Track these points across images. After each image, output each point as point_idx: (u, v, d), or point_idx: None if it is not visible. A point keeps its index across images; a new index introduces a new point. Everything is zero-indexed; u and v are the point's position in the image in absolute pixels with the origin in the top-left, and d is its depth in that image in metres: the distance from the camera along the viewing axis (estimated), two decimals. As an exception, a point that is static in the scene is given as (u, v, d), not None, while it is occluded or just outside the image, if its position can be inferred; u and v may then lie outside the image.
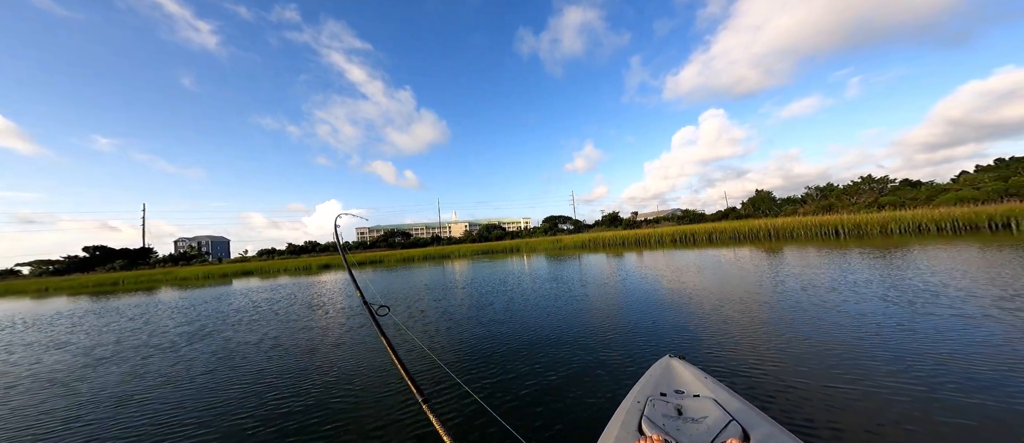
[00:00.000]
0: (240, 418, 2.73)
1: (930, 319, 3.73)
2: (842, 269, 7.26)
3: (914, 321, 3.72)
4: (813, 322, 3.96)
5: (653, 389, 1.60)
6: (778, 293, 5.53)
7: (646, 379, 1.74)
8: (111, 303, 12.28)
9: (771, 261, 9.68)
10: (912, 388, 2.36)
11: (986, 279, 5.27)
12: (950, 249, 9.17)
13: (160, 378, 3.81)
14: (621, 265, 11.92)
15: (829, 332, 3.59)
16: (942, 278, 5.63)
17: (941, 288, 4.96)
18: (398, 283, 11.73)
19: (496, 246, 33.42)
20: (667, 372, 1.79)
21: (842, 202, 35.11)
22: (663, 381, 1.69)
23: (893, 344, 3.14)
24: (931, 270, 6.38)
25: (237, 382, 3.54)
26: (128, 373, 4.05)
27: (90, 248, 49.57)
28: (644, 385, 1.67)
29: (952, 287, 4.96)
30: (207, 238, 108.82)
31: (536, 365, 3.33)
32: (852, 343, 3.25)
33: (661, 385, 1.65)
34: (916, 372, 2.58)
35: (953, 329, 3.38)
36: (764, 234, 20.66)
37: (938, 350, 2.94)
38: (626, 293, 6.62)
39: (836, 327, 3.72)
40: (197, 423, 2.69)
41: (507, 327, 4.86)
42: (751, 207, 45.32)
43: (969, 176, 33.89)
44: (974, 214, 14.73)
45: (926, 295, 4.65)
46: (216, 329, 6.11)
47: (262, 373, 3.74)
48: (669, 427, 1.27)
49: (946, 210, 16.52)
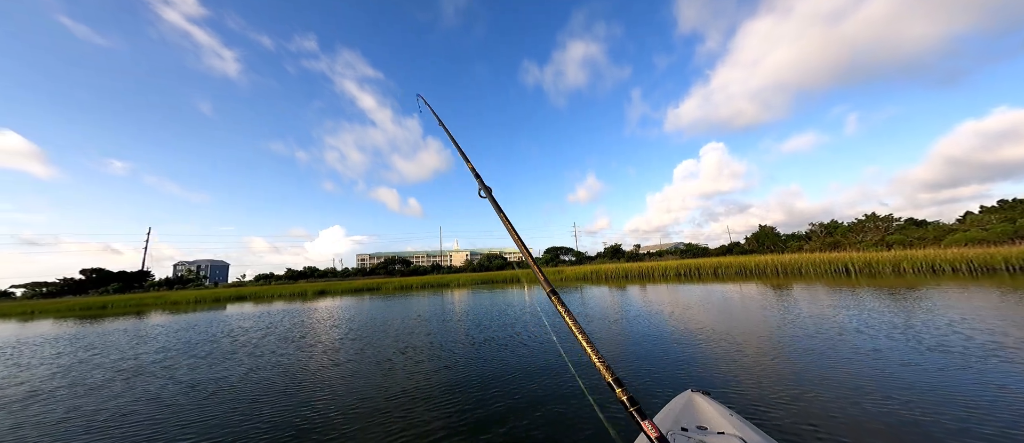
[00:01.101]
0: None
1: (969, 372, 3.34)
2: (867, 310, 6.83)
3: (955, 368, 3.34)
4: (847, 365, 3.63)
5: (673, 424, 1.52)
6: (802, 331, 5.20)
7: (666, 413, 1.65)
8: (84, 328, 11.79)
9: (786, 298, 9.22)
10: (953, 438, 2.17)
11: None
12: (975, 291, 8.71)
13: (45, 430, 3.14)
14: (627, 298, 11.47)
15: (866, 376, 3.28)
16: (980, 324, 5.22)
17: (980, 334, 4.55)
18: (391, 312, 11.24)
19: (496, 276, 32.78)
20: (689, 407, 1.70)
21: (848, 239, 34.68)
22: (684, 416, 1.61)
23: (931, 392, 2.82)
24: (962, 315, 5.95)
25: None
26: (14, 425, 3.34)
27: (87, 271, 49.22)
28: (664, 419, 1.58)
29: (996, 333, 4.55)
30: (207, 262, 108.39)
31: (550, 392, 3.24)
32: (890, 390, 2.93)
33: (682, 420, 1.56)
34: (957, 422, 2.33)
35: (999, 379, 3.01)
36: (771, 270, 20.12)
37: (980, 400, 2.63)
38: (640, 326, 6.38)
39: (872, 372, 3.39)
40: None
41: (512, 356, 4.70)
42: (755, 242, 44.84)
43: (975, 217, 33.65)
44: (989, 256, 14.32)
45: (968, 342, 4.25)
46: (168, 364, 5.52)
47: (184, 429, 3.02)
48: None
49: (960, 251, 16.12)
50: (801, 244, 38.06)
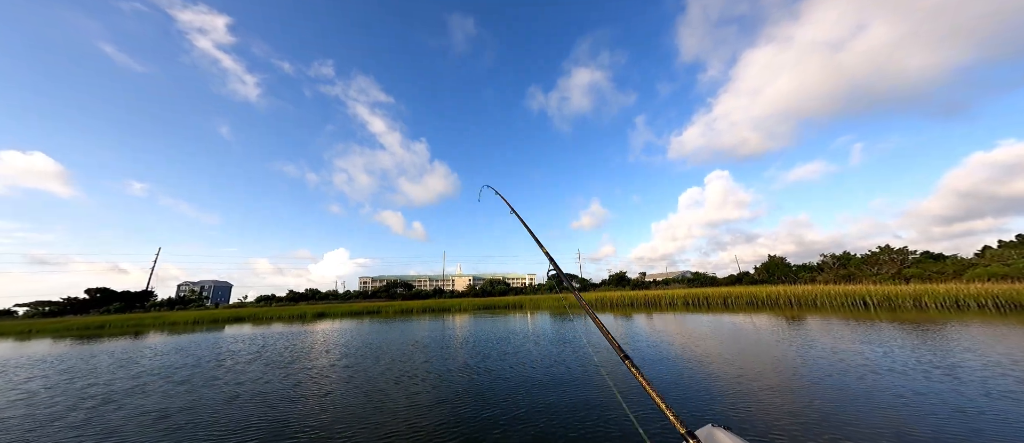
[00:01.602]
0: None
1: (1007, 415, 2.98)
2: (896, 347, 6.38)
3: (991, 413, 3.00)
4: (887, 408, 3.33)
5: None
6: (829, 368, 4.85)
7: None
8: (73, 349, 11.55)
9: (804, 331, 8.72)
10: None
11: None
12: (1009, 329, 8.15)
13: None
14: (635, 327, 10.98)
15: (912, 424, 2.98)
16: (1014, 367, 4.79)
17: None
18: (388, 337, 10.85)
19: (498, 301, 32.04)
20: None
21: (863, 272, 33.57)
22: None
23: (962, 434, 2.55)
24: (1010, 357, 5.50)
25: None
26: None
27: (92, 290, 49.45)
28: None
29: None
30: (210, 283, 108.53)
31: (559, 425, 3.18)
32: (923, 432, 2.66)
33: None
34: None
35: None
36: (784, 301, 19.33)
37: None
38: (651, 357, 6.13)
39: (918, 418, 3.09)
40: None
41: (517, 385, 4.53)
42: (765, 272, 43.62)
43: (995, 252, 32.55)
44: (1017, 293, 13.61)
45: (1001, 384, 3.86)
46: (141, 391, 5.18)
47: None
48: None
49: (984, 286, 15.40)
50: (813, 275, 36.89)
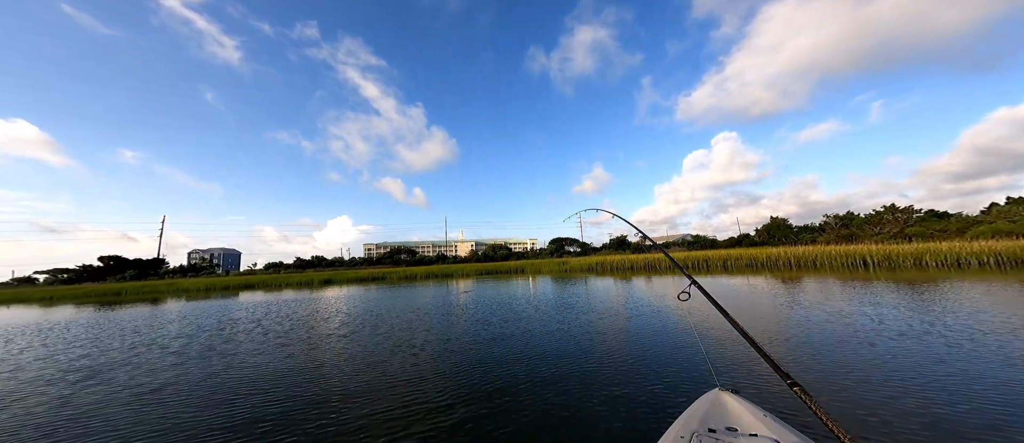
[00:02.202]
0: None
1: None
2: (904, 306, 6.41)
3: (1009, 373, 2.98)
4: (891, 364, 3.34)
5: (700, 424, 1.44)
6: (831, 326, 4.90)
7: (691, 413, 1.56)
8: (85, 316, 11.89)
9: (803, 292, 8.81)
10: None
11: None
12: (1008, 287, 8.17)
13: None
14: (634, 290, 11.15)
15: (914, 377, 3.00)
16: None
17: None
18: (396, 302, 11.14)
19: (501, 266, 32.71)
20: (717, 406, 1.61)
21: (865, 232, 33.55)
22: (712, 416, 1.52)
23: (990, 401, 2.52)
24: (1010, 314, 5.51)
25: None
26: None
27: (105, 258, 50.72)
28: (689, 419, 1.49)
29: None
30: (219, 251, 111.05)
31: (562, 390, 3.14)
32: (941, 392, 2.66)
33: (710, 420, 1.47)
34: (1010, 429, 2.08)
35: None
36: (784, 263, 19.52)
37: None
38: (653, 320, 6.12)
39: (923, 372, 3.12)
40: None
41: (522, 348, 4.61)
42: (766, 234, 43.78)
43: (1002, 208, 32.12)
44: (1020, 249, 13.53)
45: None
46: (133, 362, 5.02)
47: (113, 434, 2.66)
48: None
49: (987, 244, 15.30)
50: (814, 236, 36.98)
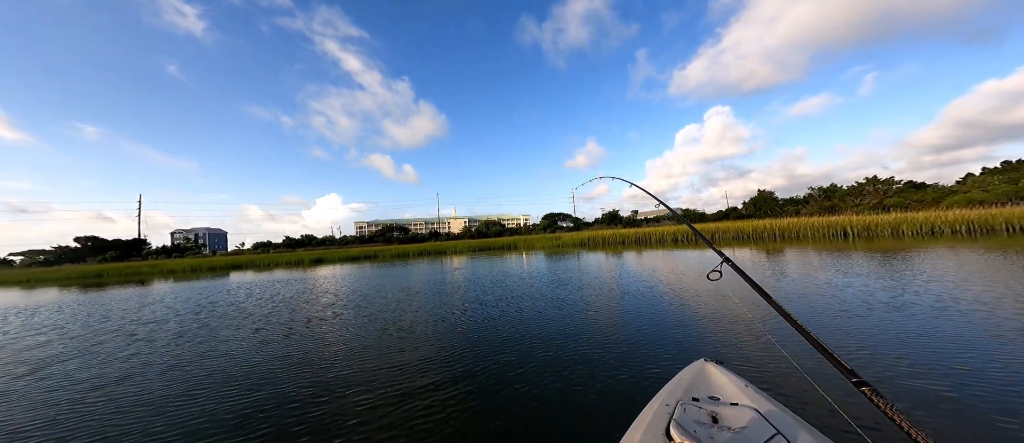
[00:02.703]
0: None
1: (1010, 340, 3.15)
2: (861, 274, 6.69)
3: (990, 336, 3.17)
4: (869, 333, 3.47)
5: (684, 393, 1.49)
6: (818, 298, 5.05)
7: (676, 382, 1.60)
8: (65, 299, 11.60)
9: (787, 263, 9.12)
10: (988, 407, 2.04)
11: None
12: (981, 252, 8.59)
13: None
14: (625, 265, 11.37)
15: (892, 346, 3.13)
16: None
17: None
18: (387, 281, 11.14)
19: (493, 242, 32.88)
20: (701, 376, 1.65)
21: (846, 203, 34.63)
22: (696, 385, 1.57)
23: (969, 361, 2.67)
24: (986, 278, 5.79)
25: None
26: None
27: (82, 239, 48.89)
28: (674, 388, 1.54)
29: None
30: (204, 230, 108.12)
31: (550, 361, 3.24)
32: (920, 356, 2.81)
33: (694, 390, 1.53)
34: (997, 396, 2.17)
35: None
36: (769, 235, 20.12)
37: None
38: (641, 293, 6.25)
39: (900, 340, 3.26)
40: None
41: (514, 322, 4.67)
42: (753, 207, 44.82)
43: (976, 179, 33.39)
44: (990, 217, 14.19)
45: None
46: (89, 354, 4.61)
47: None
48: (701, 434, 1.17)
49: (960, 213, 15.99)
50: (799, 208, 38.04)
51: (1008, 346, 2.96)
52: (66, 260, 45.64)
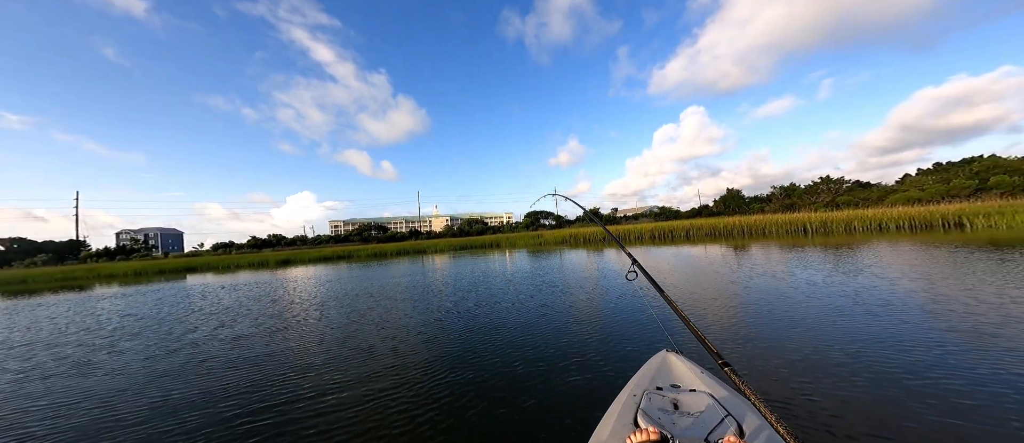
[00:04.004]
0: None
1: (932, 325, 3.35)
2: (816, 267, 7.06)
3: (911, 319, 3.44)
4: (811, 320, 3.85)
5: (649, 383, 1.58)
6: (769, 289, 5.49)
7: (642, 373, 1.71)
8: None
9: (752, 259, 9.51)
10: (911, 389, 2.28)
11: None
12: (922, 248, 9.37)
13: None
14: (604, 261, 11.45)
15: (829, 332, 3.46)
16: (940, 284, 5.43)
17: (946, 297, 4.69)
18: (358, 285, 10.54)
19: (475, 241, 32.45)
20: (663, 366, 1.77)
21: (804, 201, 37.26)
22: (659, 375, 1.68)
23: (897, 348, 2.95)
24: (932, 274, 6.23)
25: None
26: None
27: (6, 240, 43.33)
28: (640, 379, 1.64)
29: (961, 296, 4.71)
30: (156, 230, 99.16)
31: (529, 358, 3.31)
32: (850, 342, 3.13)
33: (657, 379, 1.63)
34: (922, 375, 2.44)
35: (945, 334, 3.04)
36: (738, 231, 21.16)
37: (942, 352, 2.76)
38: (616, 289, 6.48)
39: (833, 326, 3.61)
40: None
41: (494, 322, 4.67)
42: (722, 205, 47.22)
43: (913, 179, 36.95)
44: (929, 214, 15.67)
45: (932, 297, 4.33)
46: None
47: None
48: (664, 421, 1.26)
49: (903, 210, 17.53)
50: (763, 206, 40.51)
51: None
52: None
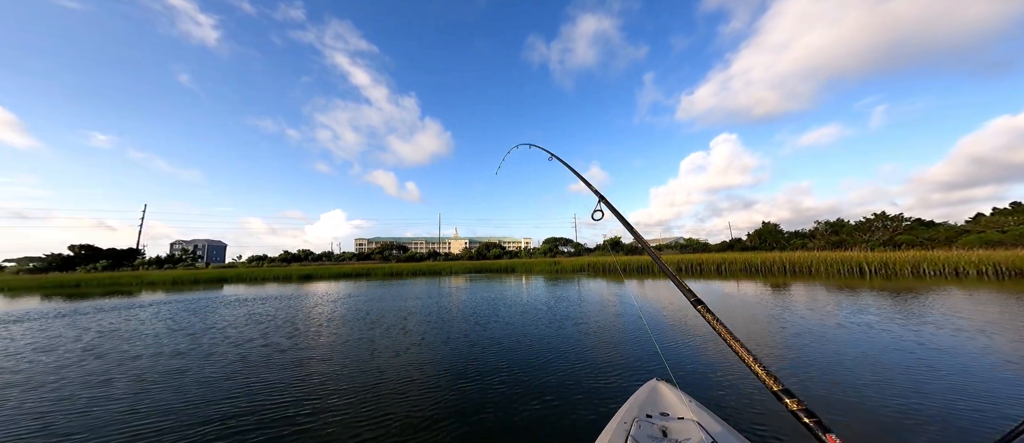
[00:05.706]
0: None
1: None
2: (899, 317, 5.80)
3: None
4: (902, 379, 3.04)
5: (639, 411, 1.60)
6: (798, 334, 4.99)
7: (633, 401, 1.73)
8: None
9: (795, 296, 8.20)
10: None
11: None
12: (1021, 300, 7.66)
13: None
14: (622, 292, 10.48)
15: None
16: None
17: None
18: (367, 304, 10.24)
19: (491, 264, 31.93)
20: (653, 394, 1.78)
21: (854, 238, 33.64)
22: (649, 403, 1.70)
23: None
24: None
25: None
26: None
27: (76, 247, 48.42)
28: (631, 407, 1.66)
29: None
30: (205, 242, 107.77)
31: (527, 381, 3.34)
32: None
33: (647, 407, 1.65)
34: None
35: None
36: (778, 268, 19.13)
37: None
38: (615, 316, 6.52)
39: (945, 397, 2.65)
40: None
41: (498, 346, 4.70)
42: (757, 239, 43.83)
43: (989, 219, 32.52)
44: (1019, 259, 13.26)
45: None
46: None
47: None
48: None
49: (986, 253, 15.08)
50: (805, 242, 37.04)
51: None
52: (56, 268, 44.84)
